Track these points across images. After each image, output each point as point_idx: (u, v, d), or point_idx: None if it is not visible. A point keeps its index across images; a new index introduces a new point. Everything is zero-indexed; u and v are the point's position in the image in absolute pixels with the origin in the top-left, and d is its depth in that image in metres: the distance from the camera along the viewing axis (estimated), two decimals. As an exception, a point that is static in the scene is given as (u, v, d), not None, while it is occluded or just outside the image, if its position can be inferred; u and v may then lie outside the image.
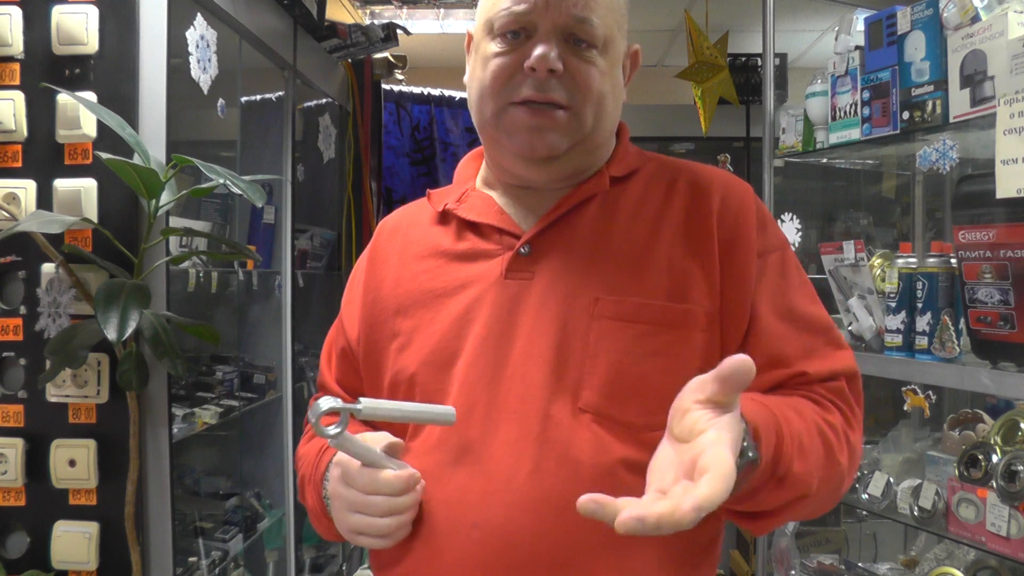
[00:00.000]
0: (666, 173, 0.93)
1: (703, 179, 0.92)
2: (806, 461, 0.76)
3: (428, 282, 0.92)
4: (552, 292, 0.86)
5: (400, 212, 1.06)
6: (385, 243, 1.01)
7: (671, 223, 0.89)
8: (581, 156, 0.90)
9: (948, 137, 1.64)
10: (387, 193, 3.28)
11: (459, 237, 0.94)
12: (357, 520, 0.80)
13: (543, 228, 0.89)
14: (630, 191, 0.92)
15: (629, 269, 0.86)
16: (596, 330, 0.83)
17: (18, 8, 1.55)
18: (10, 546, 1.59)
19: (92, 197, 1.54)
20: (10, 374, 1.59)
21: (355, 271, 1.03)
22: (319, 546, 2.85)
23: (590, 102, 0.86)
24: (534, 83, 0.85)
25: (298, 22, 2.42)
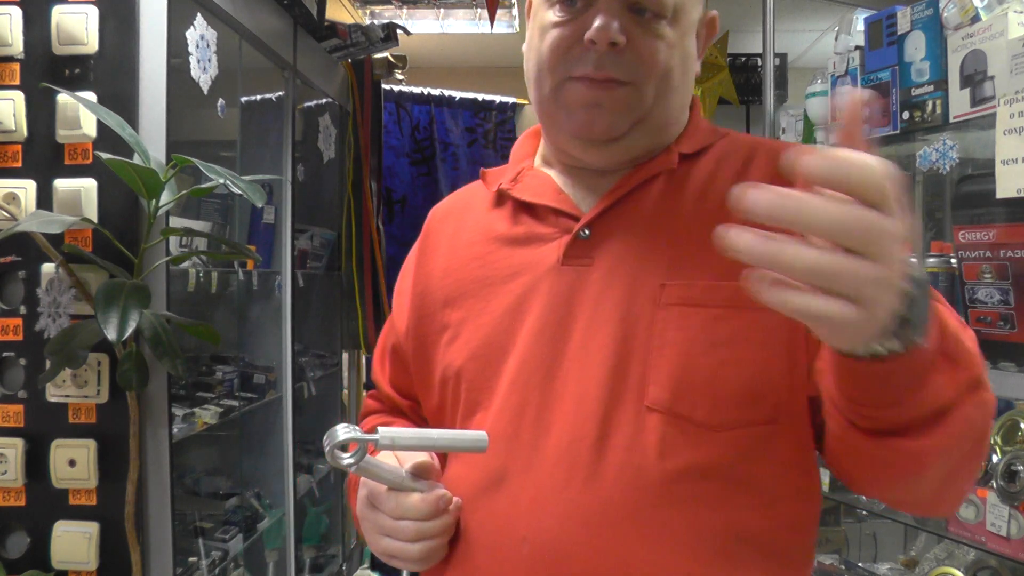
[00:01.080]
0: (742, 147, 0.84)
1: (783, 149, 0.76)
2: (968, 346, 0.62)
3: (478, 270, 0.85)
4: (613, 279, 0.77)
5: (453, 196, 0.98)
6: (436, 230, 0.94)
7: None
8: (644, 137, 0.81)
9: (948, 137, 1.64)
10: (387, 193, 3.28)
11: (514, 220, 0.86)
12: (387, 544, 0.76)
13: (604, 209, 0.81)
14: (700, 168, 0.83)
15: (697, 249, 0.76)
16: (662, 319, 0.74)
17: (18, 8, 1.55)
18: (10, 546, 1.59)
19: (92, 197, 1.54)
20: (10, 374, 1.58)
21: (406, 262, 0.97)
22: (319, 546, 2.85)
23: (653, 78, 0.78)
24: (594, 58, 0.76)
25: (298, 22, 2.42)
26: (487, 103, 3.49)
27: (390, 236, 3.22)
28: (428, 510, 0.73)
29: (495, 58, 4.60)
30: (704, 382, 0.72)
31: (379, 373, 0.99)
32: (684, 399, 0.72)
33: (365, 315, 2.97)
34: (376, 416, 0.99)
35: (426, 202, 3.34)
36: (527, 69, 0.85)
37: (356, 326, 2.98)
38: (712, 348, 0.73)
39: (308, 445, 2.91)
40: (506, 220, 0.87)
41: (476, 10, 3.84)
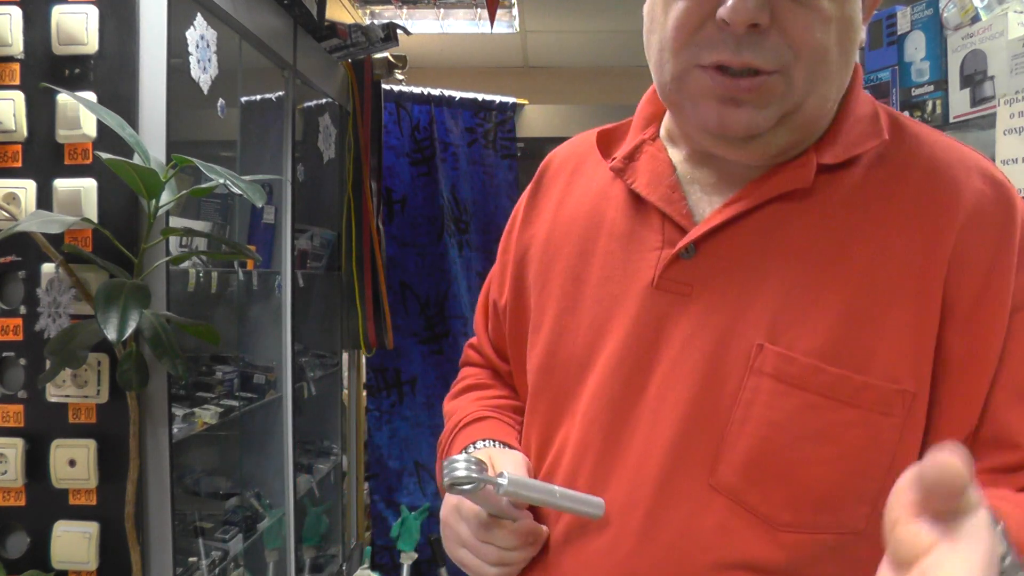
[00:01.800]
0: (900, 163, 0.67)
1: (950, 183, 0.65)
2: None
3: (574, 259, 0.75)
4: (708, 320, 0.66)
5: (571, 147, 0.86)
6: (549, 183, 0.84)
7: (894, 253, 0.63)
8: (789, 133, 0.67)
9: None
10: (387, 193, 3.28)
11: (620, 207, 0.75)
12: (464, 556, 0.74)
13: (716, 226, 0.68)
14: (843, 188, 0.67)
15: (810, 308, 0.64)
16: (752, 388, 0.64)
17: (18, 8, 1.55)
18: (10, 546, 1.59)
19: (92, 197, 1.54)
20: (10, 374, 1.58)
21: (516, 210, 0.87)
22: (319, 546, 2.85)
23: (806, 62, 0.63)
24: (728, 41, 0.62)
25: (298, 22, 2.42)
26: (487, 103, 3.49)
27: (390, 236, 3.22)
28: (514, 542, 0.70)
29: (495, 58, 4.60)
30: (783, 474, 0.63)
31: (480, 322, 0.93)
32: (756, 488, 0.63)
33: (365, 315, 2.97)
34: (474, 371, 0.95)
35: (426, 202, 3.34)
36: (648, 44, 0.70)
37: (356, 326, 2.98)
38: (800, 440, 0.62)
39: (308, 445, 2.91)
40: (612, 204, 0.76)
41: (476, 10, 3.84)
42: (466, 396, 0.91)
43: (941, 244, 0.63)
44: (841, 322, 0.63)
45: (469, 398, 0.90)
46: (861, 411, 0.62)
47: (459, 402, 0.90)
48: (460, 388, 0.94)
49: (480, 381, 0.92)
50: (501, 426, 0.83)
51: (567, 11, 3.90)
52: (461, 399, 0.91)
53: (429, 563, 3.06)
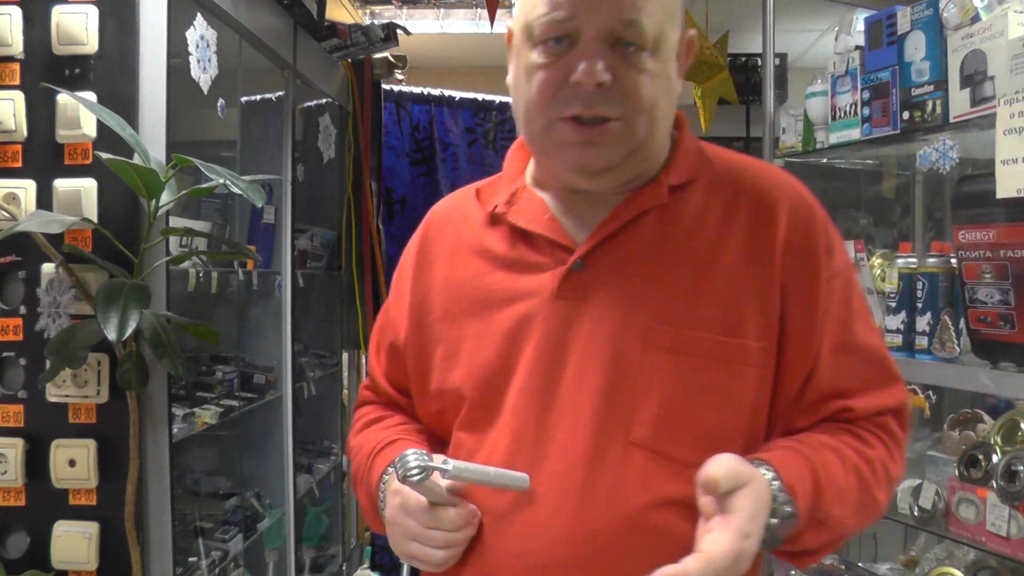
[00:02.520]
0: (728, 181, 0.87)
1: (768, 194, 0.86)
2: (844, 504, 0.79)
3: (476, 290, 0.89)
4: (605, 316, 0.82)
5: (450, 203, 1.00)
6: (435, 237, 0.96)
7: (731, 246, 0.84)
8: (637, 164, 0.85)
9: (948, 137, 1.64)
10: (387, 193, 3.28)
11: (510, 243, 0.89)
12: (414, 548, 0.82)
13: (598, 243, 0.84)
14: (689, 202, 0.86)
15: (685, 296, 0.82)
16: (650, 361, 0.80)
17: (18, 8, 1.55)
18: (10, 546, 1.59)
19: (92, 197, 1.54)
20: (10, 374, 1.58)
21: (404, 262, 0.99)
22: (319, 546, 2.85)
23: (642, 111, 0.81)
24: (581, 98, 0.79)
25: (298, 22, 2.42)
26: (487, 103, 3.49)
27: (390, 236, 3.22)
28: (459, 523, 0.80)
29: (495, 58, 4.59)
30: (686, 424, 0.80)
31: (375, 366, 1.01)
32: (667, 438, 0.80)
33: (365, 315, 2.97)
34: (373, 408, 1.02)
35: (426, 202, 3.33)
36: (515, 107, 0.87)
37: (356, 326, 2.98)
38: (695, 394, 0.80)
39: (308, 445, 2.91)
40: (503, 242, 0.90)
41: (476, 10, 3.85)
42: (371, 428, 0.98)
43: (774, 239, 0.83)
44: (714, 301, 0.82)
45: (376, 429, 0.97)
46: (737, 366, 0.81)
47: (366, 435, 0.97)
48: (362, 424, 1.00)
49: (381, 414, 0.99)
50: (413, 444, 0.91)
51: (567, 11, 3.89)
52: (367, 432, 0.98)
53: (429, 563, 3.06)
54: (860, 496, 0.81)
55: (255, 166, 2.33)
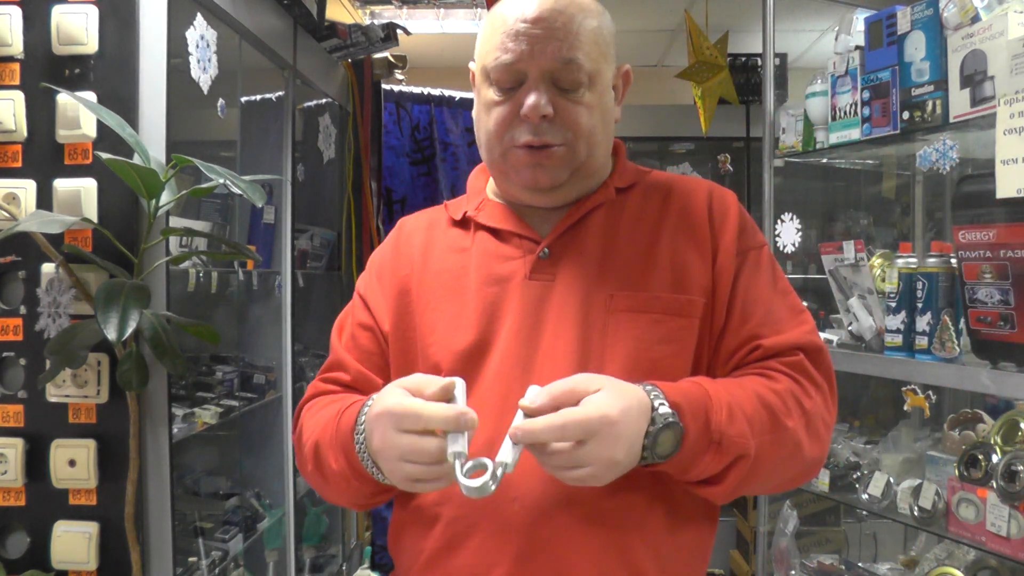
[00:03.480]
0: (661, 185, 1.05)
1: (693, 188, 1.04)
2: (741, 424, 0.85)
3: (452, 280, 1.00)
4: (572, 291, 0.96)
5: (417, 215, 1.13)
6: (407, 239, 1.08)
7: (669, 225, 1.00)
8: (580, 181, 1.00)
9: (948, 137, 1.64)
10: (387, 193, 3.28)
11: (480, 240, 1.02)
12: (410, 468, 0.82)
13: (560, 234, 0.99)
14: (631, 200, 1.03)
15: (637, 267, 0.97)
16: (613, 322, 0.94)
17: (18, 8, 1.55)
18: (10, 546, 1.59)
19: (92, 197, 1.54)
20: (10, 374, 1.59)
21: (376, 265, 1.09)
22: (319, 546, 2.85)
23: (581, 138, 0.96)
24: (530, 128, 0.95)
25: (298, 22, 2.42)
26: (487, 103, 3.48)
27: (390, 236, 3.22)
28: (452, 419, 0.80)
29: (495, 58, 4.58)
30: (649, 370, 0.90)
31: (345, 354, 1.05)
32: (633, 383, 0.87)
33: (365, 315, 2.96)
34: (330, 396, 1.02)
35: (426, 202, 3.33)
36: (478, 136, 1.03)
37: (356, 326, 2.98)
38: (654, 344, 0.94)
39: (308, 445, 2.91)
40: (474, 239, 1.03)
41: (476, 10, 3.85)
42: (330, 405, 0.99)
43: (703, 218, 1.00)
44: (662, 267, 0.97)
45: (336, 401, 0.99)
46: (686, 318, 0.95)
47: (326, 410, 0.98)
48: (319, 406, 1.01)
49: (341, 395, 1.02)
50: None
51: (567, 11, 3.89)
52: (326, 408, 0.98)
53: (429, 563, 3.06)
54: (763, 419, 0.86)
55: (255, 166, 2.33)
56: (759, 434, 0.86)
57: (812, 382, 0.93)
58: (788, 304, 0.99)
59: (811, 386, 0.93)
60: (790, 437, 0.88)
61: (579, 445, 0.78)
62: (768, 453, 0.87)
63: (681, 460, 0.84)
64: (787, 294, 1.01)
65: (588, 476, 0.79)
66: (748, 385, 0.90)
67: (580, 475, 0.79)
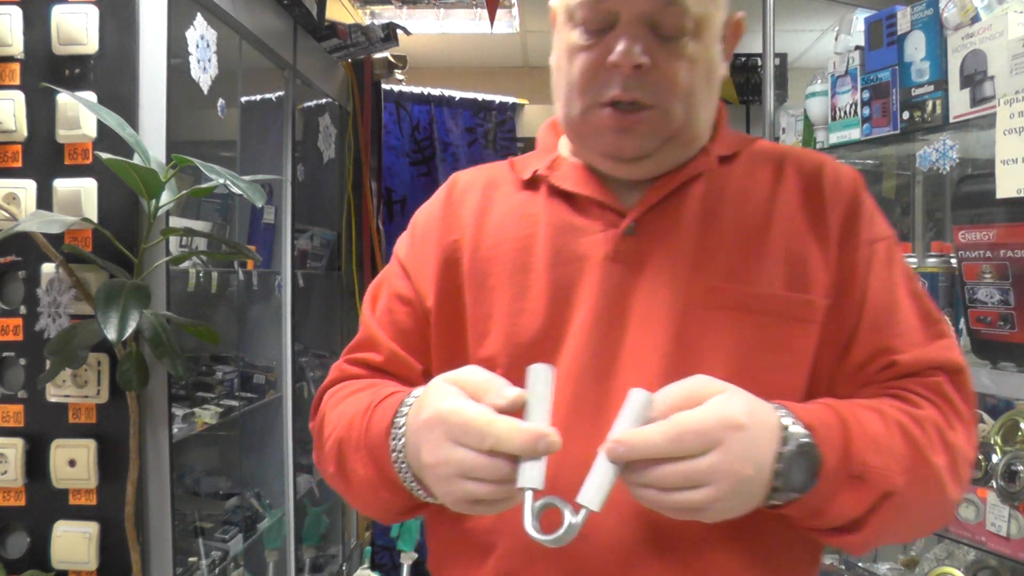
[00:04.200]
0: (770, 155, 0.87)
1: (812, 162, 0.85)
2: (884, 455, 0.69)
3: (515, 253, 0.83)
4: (663, 278, 0.79)
5: (474, 171, 0.95)
6: (460, 198, 0.91)
7: (784, 206, 0.82)
8: (674, 152, 0.83)
9: (948, 137, 1.64)
10: (387, 193, 3.28)
11: (551, 207, 0.85)
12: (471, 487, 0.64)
13: (649, 207, 0.82)
14: (736, 172, 0.85)
15: (744, 255, 0.80)
16: (715, 321, 0.77)
17: (18, 8, 1.56)
18: (10, 546, 1.59)
19: (92, 197, 1.54)
20: (10, 374, 1.58)
21: (420, 226, 0.92)
22: (319, 546, 2.85)
23: (679, 98, 0.79)
24: (619, 81, 0.77)
25: (298, 22, 2.42)
26: (487, 103, 3.49)
27: (390, 236, 3.22)
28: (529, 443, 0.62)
29: (495, 58, 4.60)
30: (752, 381, 0.71)
31: (377, 328, 0.89)
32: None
33: (365, 315, 2.96)
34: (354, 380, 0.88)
35: (426, 202, 3.34)
36: (556, 86, 0.85)
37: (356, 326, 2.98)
38: (763, 353, 0.76)
39: (308, 445, 2.90)
40: (543, 205, 0.85)
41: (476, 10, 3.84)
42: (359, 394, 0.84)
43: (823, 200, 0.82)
44: (777, 258, 0.79)
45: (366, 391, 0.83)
46: (802, 323, 0.78)
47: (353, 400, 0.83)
48: (345, 393, 0.85)
49: (371, 382, 0.86)
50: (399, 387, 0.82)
51: (567, 11, 3.89)
52: (353, 398, 0.83)
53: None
54: (908, 453, 0.70)
55: (255, 166, 2.33)
56: (905, 469, 0.70)
57: (955, 412, 0.76)
58: (924, 310, 0.81)
59: (954, 416, 0.76)
60: (935, 476, 0.72)
61: (696, 460, 0.61)
62: (913, 494, 0.71)
63: (817, 496, 0.67)
64: (922, 297, 0.82)
65: (706, 501, 0.62)
66: (887, 411, 0.73)
67: (696, 499, 0.62)
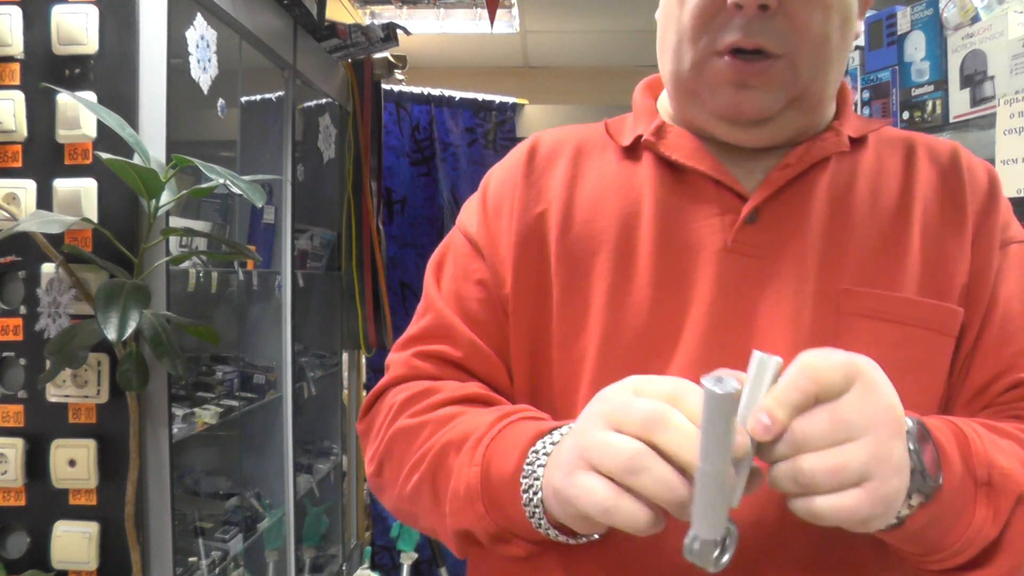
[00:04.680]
0: (899, 141, 0.76)
1: (947, 149, 0.75)
2: (1010, 457, 0.59)
3: (615, 234, 0.72)
4: (788, 276, 0.68)
5: (560, 132, 0.81)
6: (545, 163, 0.77)
7: (921, 198, 0.71)
8: (799, 116, 0.71)
9: (948, 137, 1.64)
10: (387, 193, 3.28)
11: (659, 180, 0.73)
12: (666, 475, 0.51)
13: (776, 190, 0.70)
14: (867, 157, 0.74)
15: (881, 254, 0.69)
16: (850, 330, 0.66)
17: (18, 8, 1.55)
18: (10, 546, 1.59)
19: (92, 197, 1.54)
20: (10, 374, 1.58)
21: (495, 195, 0.78)
22: (319, 546, 2.85)
23: (809, 48, 0.67)
24: (741, 24, 0.65)
25: (298, 22, 2.42)
26: (487, 103, 3.49)
27: (390, 236, 3.22)
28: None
29: (495, 58, 4.60)
30: None
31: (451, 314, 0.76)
32: None
33: (365, 315, 2.96)
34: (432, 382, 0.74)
35: (426, 202, 3.34)
36: (663, 39, 0.74)
37: (356, 326, 2.98)
38: (897, 370, 0.60)
39: (308, 445, 2.91)
40: (649, 179, 0.73)
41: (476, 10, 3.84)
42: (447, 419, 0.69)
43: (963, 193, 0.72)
44: (919, 259, 0.69)
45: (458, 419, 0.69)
46: (945, 336, 0.68)
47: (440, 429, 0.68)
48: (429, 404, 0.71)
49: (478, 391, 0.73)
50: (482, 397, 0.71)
51: (567, 11, 3.90)
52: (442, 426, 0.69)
53: (429, 563, 3.06)
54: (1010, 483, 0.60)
55: (255, 166, 2.33)
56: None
57: None
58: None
59: None
60: None
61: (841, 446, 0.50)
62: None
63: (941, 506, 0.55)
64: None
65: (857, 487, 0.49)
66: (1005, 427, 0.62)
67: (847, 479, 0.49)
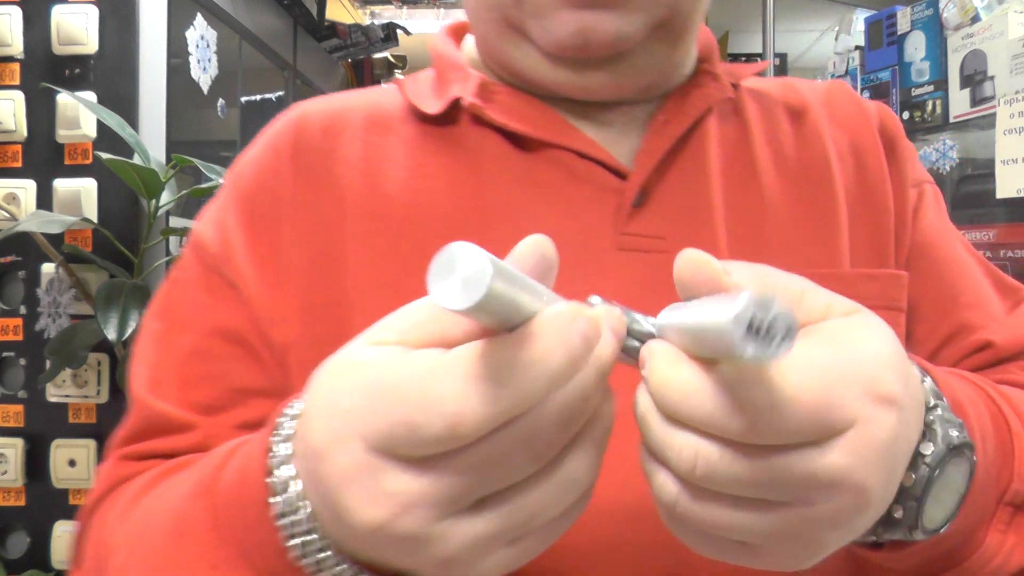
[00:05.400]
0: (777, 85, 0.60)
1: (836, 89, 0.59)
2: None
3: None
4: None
5: (335, 100, 0.58)
6: (320, 148, 0.54)
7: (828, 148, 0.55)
8: (665, 49, 0.51)
9: (948, 137, 1.64)
10: (387, 193, 3.29)
11: (497, 161, 0.51)
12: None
13: (657, 162, 0.50)
14: (750, 108, 0.56)
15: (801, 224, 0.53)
16: None
17: (18, 8, 1.56)
18: (10, 546, 1.59)
19: (92, 197, 1.54)
20: (10, 374, 1.59)
21: (247, 197, 0.55)
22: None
23: None
24: None
25: (298, 22, 2.42)
26: (487, 103, 3.49)
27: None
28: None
29: (495, 58, 4.58)
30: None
31: (172, 390, 0.55)
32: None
33: (365, 315, 2.96)
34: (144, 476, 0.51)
35: (426, 202, 3.35)
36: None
37: (356, 326, 2.98)
38: None
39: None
40: (482, 159, 0.51)
41: (476, 10, 3.84)
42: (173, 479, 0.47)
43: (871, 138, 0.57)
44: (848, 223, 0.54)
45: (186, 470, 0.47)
46: (898, 312, 0.54)
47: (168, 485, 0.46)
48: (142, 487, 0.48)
49: (175, 464, 0.50)
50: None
51: (567, 11, 3.90)
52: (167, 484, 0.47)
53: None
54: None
55: (255, 166, 2.33)
56: None
57: None
58: (994, 274, 0.60)
59: None
60: None
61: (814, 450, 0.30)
62: None
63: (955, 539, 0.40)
64: (982, 259, 0.61)
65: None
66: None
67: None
